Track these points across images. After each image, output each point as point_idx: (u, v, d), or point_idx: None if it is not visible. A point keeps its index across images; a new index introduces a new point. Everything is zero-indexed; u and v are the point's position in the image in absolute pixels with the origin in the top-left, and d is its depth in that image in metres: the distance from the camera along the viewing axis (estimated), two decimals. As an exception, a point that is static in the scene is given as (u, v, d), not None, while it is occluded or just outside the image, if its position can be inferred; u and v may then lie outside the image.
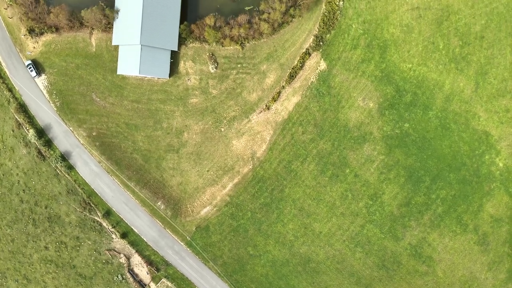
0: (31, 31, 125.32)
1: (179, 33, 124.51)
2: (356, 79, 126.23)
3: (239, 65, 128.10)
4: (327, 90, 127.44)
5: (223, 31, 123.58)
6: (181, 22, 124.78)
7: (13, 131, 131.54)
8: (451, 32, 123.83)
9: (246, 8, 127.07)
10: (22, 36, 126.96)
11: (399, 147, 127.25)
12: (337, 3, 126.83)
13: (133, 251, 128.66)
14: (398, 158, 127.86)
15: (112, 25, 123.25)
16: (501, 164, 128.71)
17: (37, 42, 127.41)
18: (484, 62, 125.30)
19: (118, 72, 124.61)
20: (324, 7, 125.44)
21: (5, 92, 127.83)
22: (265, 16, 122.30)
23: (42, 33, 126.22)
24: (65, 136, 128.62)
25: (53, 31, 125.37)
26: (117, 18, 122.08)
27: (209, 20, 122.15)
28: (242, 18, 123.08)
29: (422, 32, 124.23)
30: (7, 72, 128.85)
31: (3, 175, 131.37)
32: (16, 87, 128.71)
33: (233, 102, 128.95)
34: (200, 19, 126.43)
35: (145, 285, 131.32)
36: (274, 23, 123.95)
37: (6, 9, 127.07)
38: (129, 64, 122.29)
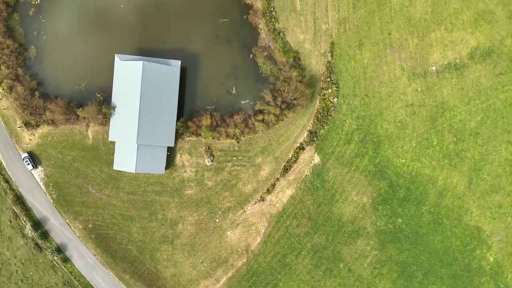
0: (27, 123, 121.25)
1: (176, 129, 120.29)
2: (349, 174, 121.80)
3: (234, 158, 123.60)
4: (321, 184, 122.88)
5: (219, 130, 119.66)
6: (178, 116, 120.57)
7: (10, 221, 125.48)
8: (446, 129, 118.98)
9: (242, 102, 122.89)
10: (18, 128, 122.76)
11: (392, 242, 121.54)
12: (331, 100, 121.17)
13: None
14: (391, 254, 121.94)
15: (109, 119, 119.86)
16: (491, 259, 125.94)
17: (33, 134, 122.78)
18: (478, 159, 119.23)
19: (115, 168, 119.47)
20: (318, 103, 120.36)
21: (1, 183, 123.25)
22: (260, 117, 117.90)
23: (38, 125, 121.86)
24: (62, 228, 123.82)
25: (49, 124, 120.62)
26: (113, 114, 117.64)
27: (206, 121, 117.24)
28: (238, 118, 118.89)
29: (416, 128, 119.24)
30: (4, 163, 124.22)
31: (1, 264, 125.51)
32: (12, 178, 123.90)
33: (228, 193, 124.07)
34: (197, 112, 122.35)
35: None
36: (269, 123, 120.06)
37: (0, 99, 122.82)
38: (125, 161, 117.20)
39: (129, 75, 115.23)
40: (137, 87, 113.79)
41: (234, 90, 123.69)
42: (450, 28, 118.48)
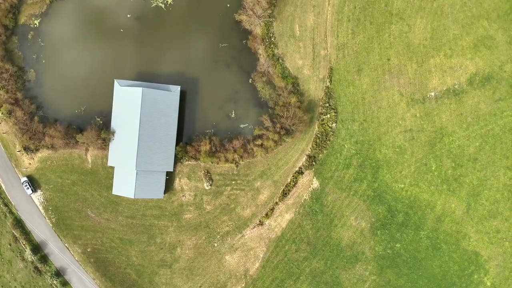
0: (26, 148, 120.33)
1: (175, 153, 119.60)
2: (348, 198, 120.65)
3: (233, 182, 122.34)
4: (320, 208, 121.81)
5: (218, 156, 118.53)
6: (177, 140, 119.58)
7: (10, 244, 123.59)
8: (444, 154, 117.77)
9: (241, 126, 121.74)
10: (17, 152, 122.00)
11: (390, 267, 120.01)
12: (330, 125, 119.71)
13: None
14: (389, 279, 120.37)
15: (108, 144, 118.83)
16: (488, 283, 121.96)
17: (33, 158, 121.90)
18: (477, 184, 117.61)
19: (114, 193, 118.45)
20: (317, 128, 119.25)
21: (1, 206, 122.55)
22: (259, 142, 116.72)
23: (37, 150, 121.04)
24: (61, 252, 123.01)
25: (48, 148, 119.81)
26: (113, 139, 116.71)
27: (205, 146, 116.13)
28: (237, 143, 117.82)
29: (415, 153, 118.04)
30: (3, 187, 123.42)
31: (2, 287, 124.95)
32: (12, 202, 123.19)
33: (227, 217, 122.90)
34: (197, 136, 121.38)
35: None
36: (267, 148, 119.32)
37: (0, 123, 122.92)
38: (124, 187, 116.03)
39: (128, 101, 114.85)
40: (137, 113, 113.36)
41: (234, 114, 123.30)
42: (449, 54, 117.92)
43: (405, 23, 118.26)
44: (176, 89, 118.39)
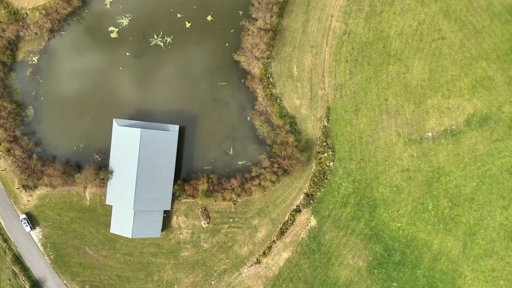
0: (25, 185, 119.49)
1: (172, 192, 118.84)
2: (346, 237, 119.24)
3: (231, 220, 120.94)
4: (317, 247, 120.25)
5: (215, 195, 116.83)
6: (175, 176, 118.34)
7: (9, 280, 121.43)
8: (441, 194, 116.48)
9: (240, 163, 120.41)
10: (16, 189, 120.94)
11: None
12: (328, 164, 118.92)
13: None
14: None
15: (107, 182, 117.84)
16: None
17: (31, 196, 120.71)
18: (473, 223, 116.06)
19: (111, 231, 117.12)
20: (314, 167, 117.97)
21: (1, 242, 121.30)
22: (256, 182, 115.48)
23: (36, 187, 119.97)
24: None
25: (47, 185, 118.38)
26: (111, 178, 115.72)
27: (202, 185, 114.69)
28: (235, 182, 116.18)
29: (412, 193, 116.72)
30: (2, 223, 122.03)
31: None
32: (11, 238, 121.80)
33: (224, 255, 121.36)
34: (195, 173, 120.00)
35: None
36: (265, 188, 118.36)
37: None
38: (122, 226, 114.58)
39: (127, 141, 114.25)
40: (135, 154, 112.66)
41: (232, 151, 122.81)
42: (447, 95, 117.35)
43: (403, 64, 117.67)
44: (175, 128, 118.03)
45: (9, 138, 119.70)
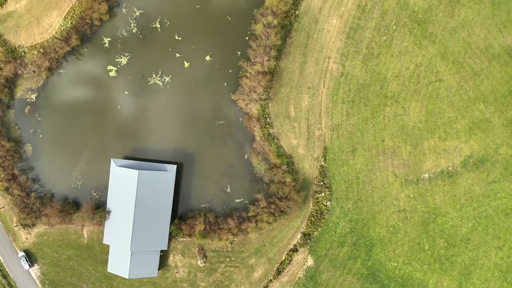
0: (23, 224, 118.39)
1: (169, 232, 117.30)
2: (342, 276, 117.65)
3: (227, 259, 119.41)
4: (314, 287, 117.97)
5: (212, 236, 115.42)
6: (173, 214, 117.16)
7: None
8: (437, 234, 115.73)
9: (237, 201, 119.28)
10: (15, 227, 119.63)
11: None
12: (325, 203, 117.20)
13: None
14: None
15: (104, 221, 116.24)
16: None
17: (30, 233, 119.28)
18: (469, 264, 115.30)
19: (108, 270, 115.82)
20: (311, 206, 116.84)
21: (0, 278, 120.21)
22: (253, 224, 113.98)
23: (34, 225, 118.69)
24: None
25: (45, 224, 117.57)
26: (108, 218, 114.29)
27: (199, 225, 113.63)
28: (232, 222, 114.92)
29: (408, 233, 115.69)
30: (1, 260, 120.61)
31: None
32: (10, 275, 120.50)
33: None
34: (192, 211, 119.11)
35: None
36: (262, 228, 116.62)
37: None
38: (119, 266, 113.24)
39: (124, 182, 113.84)
40: (132, 195, 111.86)
41: (229, 189, 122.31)
42: (443, 136, 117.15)
43: (400, 106, 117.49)
44: (172, 168, 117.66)
45: (7, 177, 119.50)
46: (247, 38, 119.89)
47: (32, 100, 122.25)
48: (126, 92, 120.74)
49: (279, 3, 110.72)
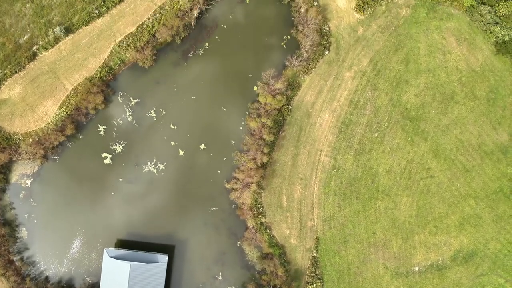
0: None
1: None
2: None
3: None
4: None
5: None
6: None
7: None
8: None
9: None
10: None
11: None
12: None
13: None
14: None
15: None
16: None
17: None
18: None
19: None
20: None
21: None
22: None
23: None
24: None
25: None
26: None
27: None
28: None
29: None
30: None
31: None
32: None
33: None
34: None
35: None
36: None
37: None
38: None
39: (117, 273, 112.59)
40: (124, 287, 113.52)
41: (221, 276, 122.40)
42: (434, 231, 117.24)
43: (391, 200, 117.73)
44: (164, 259, 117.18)
45: (4, 263, 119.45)
46: (241, 128, 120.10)
47: (27, 185, 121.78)
48: (120, 179, 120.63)
49: (272, 101, 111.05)
